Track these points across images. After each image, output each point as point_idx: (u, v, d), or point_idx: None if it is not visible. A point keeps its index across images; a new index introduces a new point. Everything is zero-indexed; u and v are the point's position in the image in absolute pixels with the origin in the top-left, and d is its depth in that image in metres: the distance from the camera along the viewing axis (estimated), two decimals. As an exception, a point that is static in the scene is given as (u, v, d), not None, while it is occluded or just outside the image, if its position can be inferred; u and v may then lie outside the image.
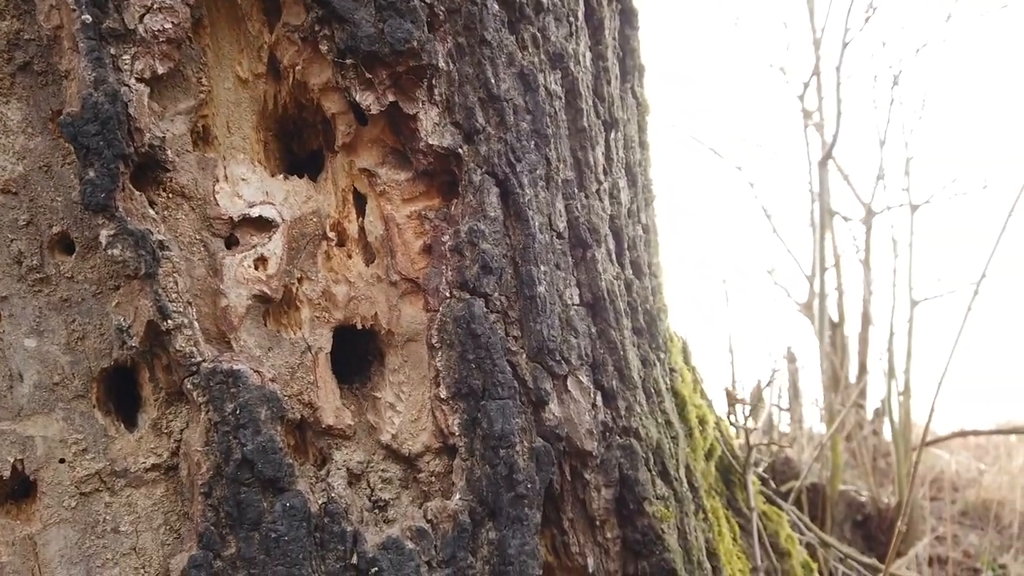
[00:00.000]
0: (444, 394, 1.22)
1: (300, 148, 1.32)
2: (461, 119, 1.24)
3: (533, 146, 1.32)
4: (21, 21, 1.10)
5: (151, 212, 1.09)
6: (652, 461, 1.43)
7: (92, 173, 1.03)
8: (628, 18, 1.67)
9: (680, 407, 1.68)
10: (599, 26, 1.54)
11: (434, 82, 1.21)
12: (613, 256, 1.51)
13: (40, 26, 1.06)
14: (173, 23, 1.08)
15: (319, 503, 1.13)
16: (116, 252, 1.05)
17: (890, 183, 5.59)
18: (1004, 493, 4.54)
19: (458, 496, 1.20)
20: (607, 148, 1.54)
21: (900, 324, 4.15)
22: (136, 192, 1.08)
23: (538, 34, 1.35)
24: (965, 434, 3.04)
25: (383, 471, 1.24)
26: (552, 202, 1.36)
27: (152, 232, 1.07)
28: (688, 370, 1.84)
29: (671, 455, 1.49)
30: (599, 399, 1.38)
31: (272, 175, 1.21)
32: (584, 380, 1.35)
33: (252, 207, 1.17)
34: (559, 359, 1.31)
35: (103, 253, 1.06)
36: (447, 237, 1.24)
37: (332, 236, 1.24)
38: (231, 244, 1.16)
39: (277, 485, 1.09)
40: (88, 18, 1.03)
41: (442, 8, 1.21)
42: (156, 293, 1.06)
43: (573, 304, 1.38)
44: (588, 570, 1.37)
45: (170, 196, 1.13)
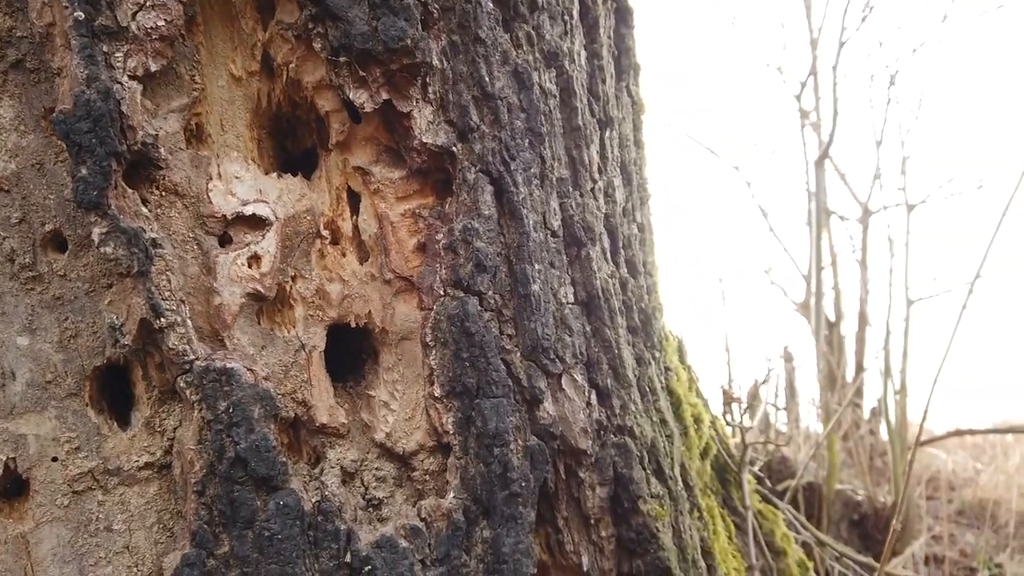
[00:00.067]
0: (438, 392, 1.22)
1: (294, 146, 1.32)
2: (455, 117, 1.24)
3: (527, 144, 1.32)
4: (13, 18, 1.10)
5: (144, 210, 1.09)
6: (647, 459, 1.43)
7: (85, 171, 1.03)
8: (623, 16, 1.66)
9: (675, 406, 1.68)
10: (594, 24, 1.54)
11: (428, 80, 1.21)
12: (608, 255, 1.50)
13: (32, 23, 1.06)
14: (166, 20, 1.08)
15: (313, 502, 1.13)
16: (109, 250, 1.05)
17: (886, 183, 5.62)
18: (1000, 492, 4.54)
19: (452, 495, 1.20)
20: (602, 147, 1.54)
21: (896, 323, 4.16)
22: (129, 190, 1.08)
23: (533, 32, 1.35)
24: (961, 433, 3.04)
25: (377, 469, 1.24)
26: (546, 200, 1.36)
27: (145, 230, 1.06)
28: (683, 369, 1.84)
29: (666, 454, 1.49)
30: (593, 397, 1.38)
31: (266, 173, 1.21)
32: (578, 378, 1.35)
33: (246, 205, 1.16)
34: (553, 357, 1.31)
35: (96, 251, 1.06)
36: (441, 235, 1.24)
37: (326, 234, 1.24)
38: (224, 242, 1.16)
39: (270, 483, 1.08)
40: (80, 15, 1.02)
41: (436, 6, 1.21)
42: (149, 291, 1.06)
43: (567, 302, 1.37)
44: (583, 569, 1.37)
45: (163, 194, 1.12)
